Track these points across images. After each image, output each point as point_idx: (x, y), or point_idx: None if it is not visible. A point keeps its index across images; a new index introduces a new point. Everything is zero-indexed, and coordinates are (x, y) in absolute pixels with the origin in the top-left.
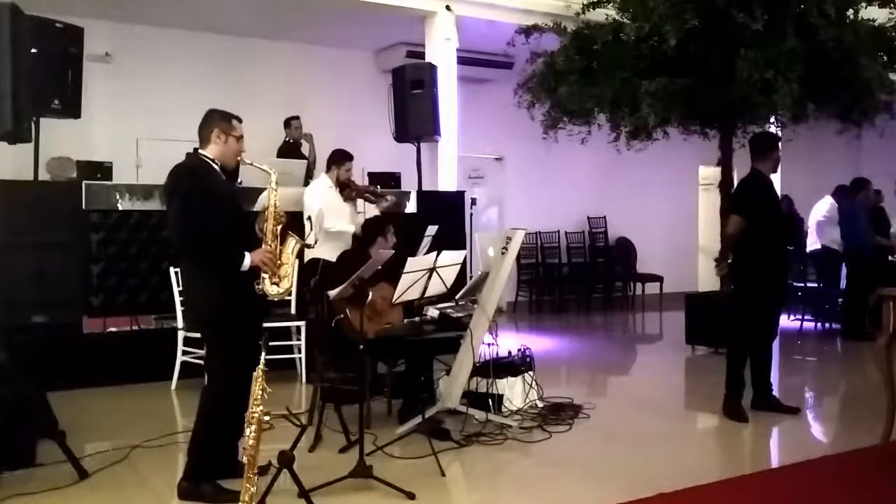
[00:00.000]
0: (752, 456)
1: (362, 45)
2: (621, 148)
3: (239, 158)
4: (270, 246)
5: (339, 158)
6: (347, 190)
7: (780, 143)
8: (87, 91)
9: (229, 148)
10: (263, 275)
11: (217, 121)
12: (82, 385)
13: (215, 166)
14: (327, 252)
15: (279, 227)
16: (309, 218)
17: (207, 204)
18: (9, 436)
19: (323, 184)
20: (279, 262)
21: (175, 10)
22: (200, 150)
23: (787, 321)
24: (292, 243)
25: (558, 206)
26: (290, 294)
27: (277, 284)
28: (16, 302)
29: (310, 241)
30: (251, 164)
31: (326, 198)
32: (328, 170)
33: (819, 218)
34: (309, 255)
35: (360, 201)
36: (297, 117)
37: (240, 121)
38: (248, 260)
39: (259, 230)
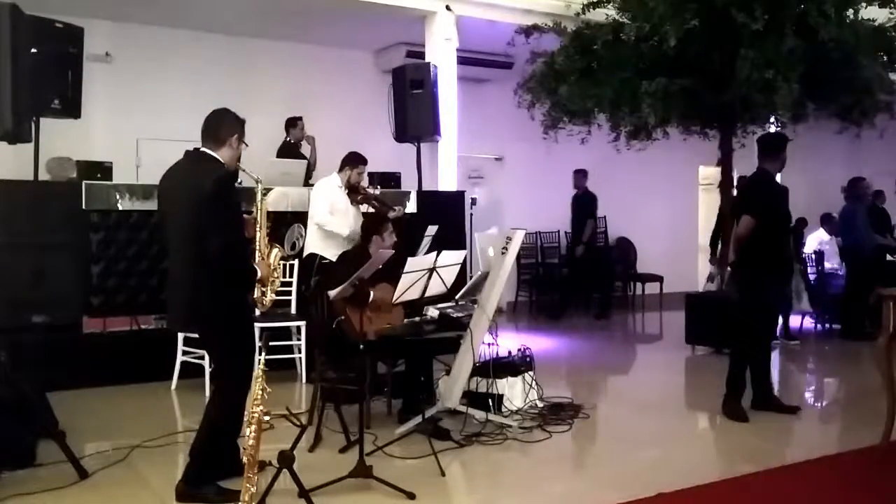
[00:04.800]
0: (752, 456)
1: (362, 45)
2: (621, 148)
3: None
4: (264, 256)
5: (354, 161)
6: (356, 193)
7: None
8: (87, 91)
9: (238, 152)
10: (262, 287)
11: (236, 125)
12: (82, 385)
13: None
14: (326, 249)
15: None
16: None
17: (238, 215)
18: (9, 436)
19: (333, 182)
20: (275, 271)
21: (175, 10)
22: (212, 153)
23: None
24: (276, 252)
25: (558, 206)
26: (271, 303)
27: (266, 295)
28: (16, 302)
29: (288, 250)
30: (243, 170)
31: (333, 196)
32: (341, 169)
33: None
34: (307, 250)
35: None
36: (302, 118)
37: None
38: (259, 274)
39: (248, 238)
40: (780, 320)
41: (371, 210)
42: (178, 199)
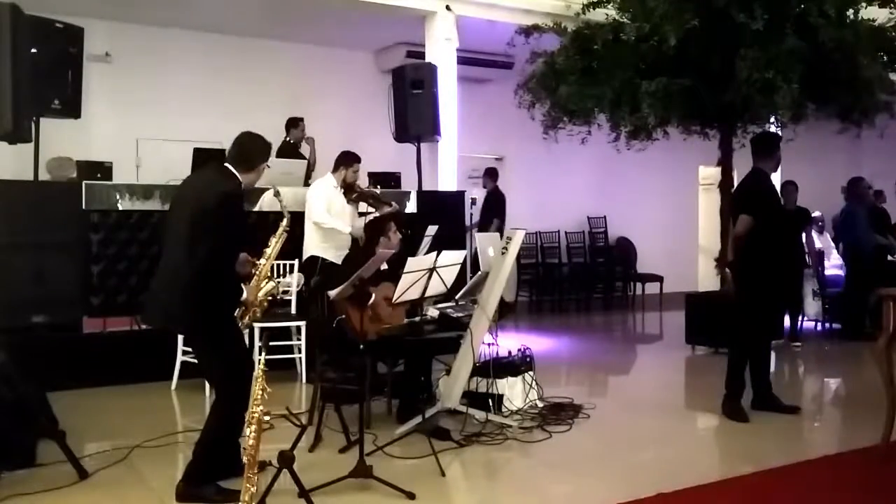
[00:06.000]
0: (752, 456)
1: (362, 45)
2: (621, 148)
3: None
4: (259, 285)
5: (348, 160)
6: (351, 192)
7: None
8: (87, 91)
9: (258, 178)
10: (244, 310)
11: (265, 154)
12: (82, 385)
13: None
14: (326, 250)
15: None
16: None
17: (238, 233)
18: (9, 436)
19: (328, 182)
20: (262, 303)
21: (175, 10)
22: (237, 171)
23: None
24: (270, 286)
25: (558, 206)
26: (246, 327)
27: (244, 317)
28: (16, 302)
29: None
30: (276, 197)
31: (329, 196)
32: (335, 170)
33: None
34: (307, 252)
35: (362, 204)
36: (303, 119)
37: None
38: (244, 295)
39: (252, 263)
40: (788, 321)
41: (368, 208)
42: (184, 202)
